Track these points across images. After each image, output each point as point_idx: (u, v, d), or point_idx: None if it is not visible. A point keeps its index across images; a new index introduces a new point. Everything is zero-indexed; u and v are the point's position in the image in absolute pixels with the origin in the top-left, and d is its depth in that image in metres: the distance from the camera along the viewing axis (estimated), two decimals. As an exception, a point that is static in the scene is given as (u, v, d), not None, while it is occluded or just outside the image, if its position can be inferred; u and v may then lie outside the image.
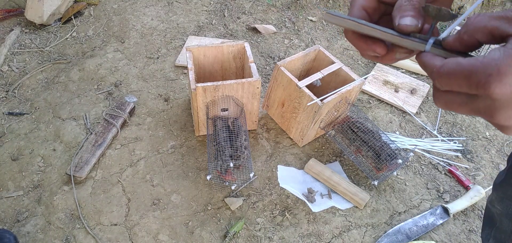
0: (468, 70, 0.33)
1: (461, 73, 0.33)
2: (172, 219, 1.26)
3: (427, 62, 0.38)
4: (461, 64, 0.34)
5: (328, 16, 0.44)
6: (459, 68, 0.34)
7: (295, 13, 2.10)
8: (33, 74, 1.69)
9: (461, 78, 0.34)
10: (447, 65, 0.35)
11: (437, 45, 0.39)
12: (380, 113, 1.64)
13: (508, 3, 2.07)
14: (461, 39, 0.37)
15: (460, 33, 0.37)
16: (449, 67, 0.35)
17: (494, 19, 0.35)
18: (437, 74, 0.36)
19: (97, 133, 1.44)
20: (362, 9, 0.45)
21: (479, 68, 0.32)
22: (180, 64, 1.76)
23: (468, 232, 1.29)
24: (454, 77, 0.34)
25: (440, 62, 0.36)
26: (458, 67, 0.34)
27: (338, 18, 0.44)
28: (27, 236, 1.20)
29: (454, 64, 0.34)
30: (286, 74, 1.36)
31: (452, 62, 0.35)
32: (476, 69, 0.33)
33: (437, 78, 0.36)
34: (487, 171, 1.47)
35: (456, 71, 0.34)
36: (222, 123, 1.35)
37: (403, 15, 0.40)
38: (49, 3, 1.85)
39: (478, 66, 0.32)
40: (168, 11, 2.05)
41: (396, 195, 1.37)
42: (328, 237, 1.25)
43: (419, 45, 0.40)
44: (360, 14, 0.45)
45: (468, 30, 0.36)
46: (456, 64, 0.34)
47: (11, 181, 1.33)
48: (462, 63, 0.34)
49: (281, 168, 1.41)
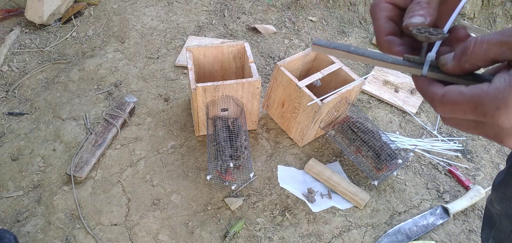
0: (473, 101, 0.32)
1: (467, 104, 0.32)
2: (172, 219, 1.26)
3: (425, 90, 0.37)
4: (465, 94, 0.32)
5: (315, 47, 0.41)
6: (463, 98, 0.32)
7: (295, 13, 2.10)
8: (33, 74, 1.69)
9: (467, 108, 0.32)
10: (449, 94, 0.33)
11: (434, 68, 0.38)
12: (380, 113, 1.64)
13: (508, 3, 2.07)
14: (462, 67, 0.35)
15: (460, 61, 0.35)
16: (452, 97, 0.33)
17: (495, 46, 0.33)
18: (439, 102, 0.34)
19: (97, 133, 1.44)
20: (388, 20, 0.43)
21: (485, 100, 0.31)
22: (180, 64, 1.76)
23: (468, 232, 1.29)
24: (458, 107, 0.33)
25: (441, 90, 0.35)
26: (462, 97, 0.32)
27: (326, 48, 0.41)
28: (27, 236, 1.20)
29: (458, 94, 0.33)
30: (286, 74, 1.36)
31: (455, 92, 0.33)
32: (482, 100, 0.31)
33: (439, 106, 0.35)
34: (487, 171, 1.47)
35: (460, 101, 0.33)
36: (222, 123, 1.35)
37: (412, 15, 0.40)
38: (49, 3, 1.85)
39: (484, 98, 0.31)
40: (168, 11, 2.05)
41: (396, 195, 1.37)
42: (328, 237, 1.25)
43: (415, 70, 0.38)
44: (388, 26, 0.43)
45: (468, 58, 0.34)
46: (460, 94, 0.33)
47: (11, 181, 1.33)
48: (465, 94, 0.32)
49: (281, 168, 1.41)
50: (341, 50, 0.41)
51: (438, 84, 0.36)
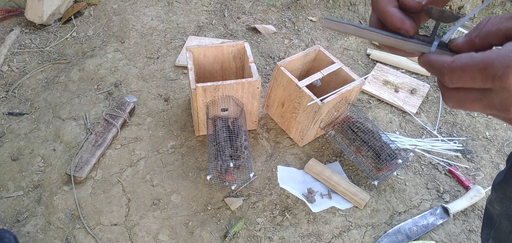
0: (483, 63, 0.32)
1: (476, 66, 0.32)
2: (172, 219, 1.26)
3: (435, 60, 0.36)
4: (475, 57, 0.32)
5: (327, 22, 0.42)
6: (473, 61, 0.32)
7: (295, 13, 2.10)
8: (33, 74, 1.69)
9: (476, 71, 0.32)
10: (460, 59, 0.33)
11: (442, 47, 0.38)
12: (380, 113, 1.64)
13: (508, 3, 2.07)
14: (472, 42, 0.35)
15: (471, 36, 0.35)
16: (463, 60, 0.33)
17: (507, 20, 0.33)
18: (449, 69, 0.34)
19: (97, 133, 1.44)
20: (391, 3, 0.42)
21: (495, 60, 0.31)
22: (180, 64, 1.76)
23: (468, 232, 1.29)
24: (468, 71, 0.33)
25: (450, 58, 0.34)
26: (472, 61, 0.32)
27: (337, 23, 0.42)
28: (27, 236, 1.20)
29: (468, 58, 0.33)
30: (286, 74, 1.36)
31: (465, 56, 0.33)
32: (492, 61, 0.31)
33: (448, 73, 0.34)
34: (487, 171, 1.47)
35: (470, 65, 0.32)
36: (222, 123, 1.35)
37: None
38: (49, 3, 1.85)
39: (494, 58, 0.31)
40: (168, 11, 2.05)
41: (396, 195, 1.37)
42: (328, 237, 1.25)
43: (423, 47, 0.39)
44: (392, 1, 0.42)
45: (480, 33, 0.35)
46: (470, 58, 0.33)
47: (11, 181, 1.33)
48: (476, 57, 0.32)
49: (281, 169, 1.41)
50: (351, 26, 0.42)
51: (447, 55, 0.36)
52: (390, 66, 1.83)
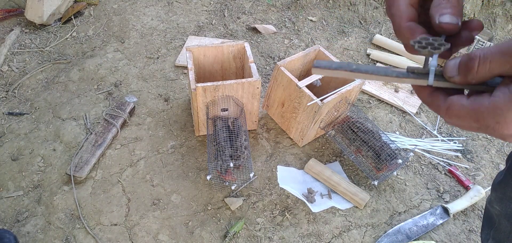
0: (475, 115, 0.35)
1: (469, 117, 0.35)
2: (172, 219, 1.26)
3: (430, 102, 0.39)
4: (467, 108, 0.35)
5: (316, 70, 0.40)
6: (465, 112, 0.36)
7: (295, 13, 2.10)
8: (33, 74, 1.69)
9: (469, 119, 0.36)
10: (453, 107, 0.37)
11: (439, 76, 0.38)
12: (380, 113, 1.64)
13: (508, 3, 2.07)
14: (468, 82, 0.37)
15: (467, 77, 0.37)
16: (456, 110, 0.36)
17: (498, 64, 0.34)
18: (445, 114, 0.38)
19: (97, 133, 1.44)
20: (410, 5, 0.43)
21: (485, 114, 0.34)
22: (180, 64, 1.76)
23: (468, 232, 1.29)
24: (462, 118, 0.36)
25: (444, 103, 0.37)
26: (464, 111, 0.36)
27: (326, 69, 0.40)
28: (27, 236, 1.20)
29: (460, 107, 0.36)
30: (286, 74, 1.36)
31: (458, 105, 0.36)
32: (482, 115, 0.34)
33: (445, 117, 0.38)
34: (487, 171, 1.47)
35: (463, 114, 0.36)
36: (222, 123, 1.35)
37: (442, 12, 0.39)
38: (49, 3, 1.85)
39: (484, 112, 0.34)
40: (168, 11, 2.05)
41: (396, 195, 1.37)
42: (328, 237, 1.25)
43: (420, 81, 0.39)
44: (410, 12, 0.42)
45: (474, 77, 0.36)
46: (462, 107, 0.36)
47: (11, 181, 1.33)
48: (467, 107, 0.35)
49: (281, 169, 1.41)
50: (342, 70, 0.41)
51: (441, 95, 0.38)
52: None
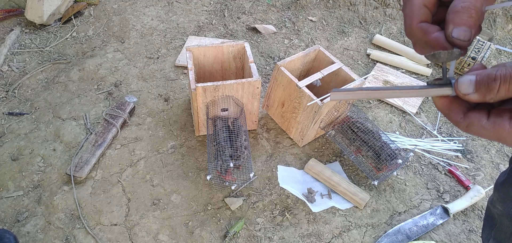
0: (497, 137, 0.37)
1: (490, 137, 0.38)
2: (172, 219, 1.26)
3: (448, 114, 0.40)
4: (488, 130, 0.37)
5: (334, 95, 0.39)
6: (486, 133, 0.38)
7: (295, 13, 2.10)
8: (33, 74, 1.69)
9: (488, 137, 0.38)
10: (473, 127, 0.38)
11: None
12: (380, 113, 1.64)
13: (508, 3, 2.06)
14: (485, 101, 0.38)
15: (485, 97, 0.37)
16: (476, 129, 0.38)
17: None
18: (464, 129, 0.39)
19: (97, 133, 1.44)
20: (424, 6, 0.42)
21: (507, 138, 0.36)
22: (180, 64, 1.76)
23: (468, 232, 1.29)
24: (483, 136, 0.39)
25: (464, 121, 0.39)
26: (484, 132, 0.38)
27: (345, 93, 0.39)
28: (27, 236, 1.20)
29: (480, 128, 0.38)
30: (286, 74, 1.36)
31: (477, 126, 0.38)
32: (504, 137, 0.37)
33: (464, 130, 0.40)
34: (487, 171, 1.47)
35: (484, 134, 0.38)
36: (222, 123, 1.35)
37: (457, 23, 0.38)
38: (49, 3, 1.85)
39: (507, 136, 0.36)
40: (168, 11, 2.05)
41: (396, 195, 1.37)
42: (328, 237, 1.25)
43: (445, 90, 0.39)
44: (423, 13, 0.42)
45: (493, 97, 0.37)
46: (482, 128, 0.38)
47: (11, 181, 1.33)
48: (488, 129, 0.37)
49: (281, 168, 1.41)
50: (361, 92, 0.40)
51: (459, 110, 0.39)
52: (390, 66, 1.83)
